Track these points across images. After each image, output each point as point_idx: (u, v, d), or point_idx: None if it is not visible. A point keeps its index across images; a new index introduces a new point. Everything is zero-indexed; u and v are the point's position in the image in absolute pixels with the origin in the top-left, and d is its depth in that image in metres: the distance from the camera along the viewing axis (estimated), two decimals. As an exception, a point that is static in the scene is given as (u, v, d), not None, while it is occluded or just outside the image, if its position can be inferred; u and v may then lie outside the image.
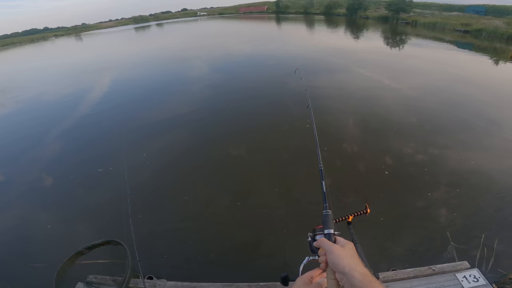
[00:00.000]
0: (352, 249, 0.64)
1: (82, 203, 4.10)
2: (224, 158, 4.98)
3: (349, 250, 0.63)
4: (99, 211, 3.86)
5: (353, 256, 0.61)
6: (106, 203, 3.93)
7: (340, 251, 0.62)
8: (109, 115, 7.65)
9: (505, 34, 20.72)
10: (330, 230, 0.73)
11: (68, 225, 3.66)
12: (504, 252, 2.78)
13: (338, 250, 0.62)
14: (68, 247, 2.43)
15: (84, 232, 3.48)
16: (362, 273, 0.56)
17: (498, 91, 7.95)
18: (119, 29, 66.09)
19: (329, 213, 0.80)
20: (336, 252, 0.62)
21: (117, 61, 17.54)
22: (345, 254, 0.61)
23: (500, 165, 4.33)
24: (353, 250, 0.64)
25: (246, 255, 3.10)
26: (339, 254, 0.61)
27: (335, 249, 0.63)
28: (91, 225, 3.62)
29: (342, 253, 0.61)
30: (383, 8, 40.86)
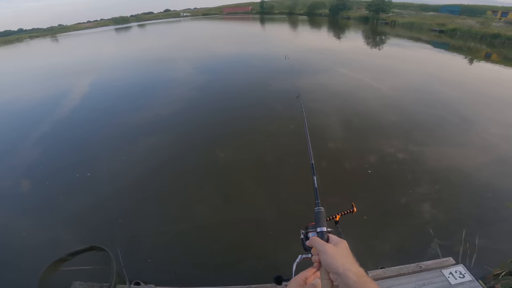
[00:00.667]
0: (345, 248, 0.62)
1: (62, 210, 3.95)
2: (207, 160, 4.89)
3: (343, 249, 0.61)
4: (80, 217, 3.73)
5: (347, 256, 0.59)
6: (87, 210, 3.81)
7: (334, 250, 0.60)
8: (88, 119, 7.36)
9: (478, 34, 21.80)
10: (323, 228, 0.71)
11: (49, 232, 3.53)
12: (486, 247, 2.87)
13: (331, 249, 0.60)
14: (49, 254, 2.34)
15: (66, 238, 3.36)
16: (356, 273, 0.54)
17: (472, 90, 8.32)
18: (98, 30, 63.84)
19: (321, 210, 0.78)
20: (329, 252, 0.59)
21: (96, 63, 16.88)
22: (338, 254, 0.59)
23: (476, 161, 4.52)
24: (347, 249, 0.62)
25: (233, 257, 3.06)
26: (332, 254, 0.58)
27: (328, 249, 0.60)
28: (73, 232, 3.50)
29: (336, 253, 0.59)
30: (364, 9, 41.88)
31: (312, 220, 0.76)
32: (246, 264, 2.95)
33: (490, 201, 3.60)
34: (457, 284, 2.08)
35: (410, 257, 2.75)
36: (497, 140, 5.17)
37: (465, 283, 2.07)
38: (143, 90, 9.62)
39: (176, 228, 3.48)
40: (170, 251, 3.16)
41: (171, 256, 3.09)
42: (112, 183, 4.20)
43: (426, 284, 2.12)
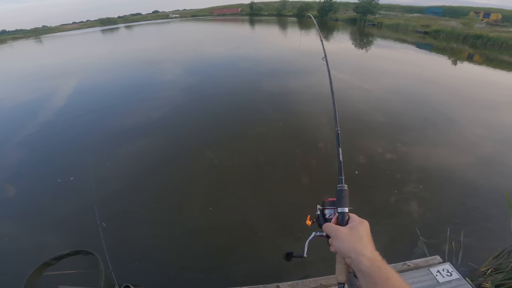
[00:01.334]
0: (363, 230, 0.58)
1: (48, 214, 3.85)
2: (196, 163, 4.84)
3: (358, 231, 0.58)
4: (66, 221, 3.66)
5: (361, 239, 0.56)
6: (72, 214, 3.73)
7: (345, 234, 0.58)
8: (74, 122, 7.14)
9: (461, 35, 22.59)
10: (344, 209, 0.66)
11: (33, 237, 3.43)
12: (471, 245, 2.93)
13: (343, 234, 0.58)
14: (34, 259, 2.28)
15: (50, 243, 3.28)
16: (370, 258, 0.52)
17: (455, 91, 8.58)
18: (84, 32, 62.42)
19: (344, 188, 0.71)
20: (340, 236, 0.58)
21: (82, 65, 16.45)
22: (351, 238, 0.56)
23: (459, 161, 4.63)
24: (364, 231, 0.58)
25: (222, 260, 3.04)
26: (343, 238, 0.57)
27: (340, 233, 0.58)
28: (58, 236, 3.42)
29: (348, 237, 0.57)
30: (351, 10, 42.64)
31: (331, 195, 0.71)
32: (235, 267, 2.93)
33: (472, 200, 3.70)
34: (445, 282, 2.09)
35: (398, 256, 2.77)
36: (479, 140, 5.33)
37: (453, 281, 2.09)
38: (131, 93, 9.42)
39: (164, 231, 3.43)
40: (159, 254, 3.12)
41: (160, 260, 3.05)
42: (99, 187, 4.11)
43: (415, 282, 2.14)
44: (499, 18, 29.13)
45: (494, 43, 19.47)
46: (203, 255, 3.10)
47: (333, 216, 0.70)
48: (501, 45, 18.89)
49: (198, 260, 3.03)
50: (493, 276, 2.24)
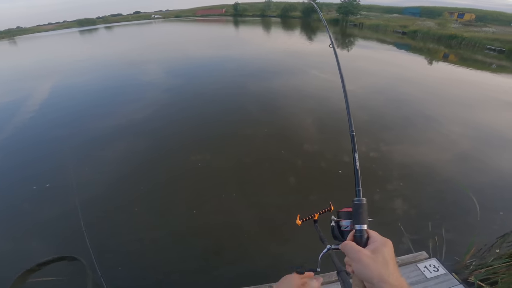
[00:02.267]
0: (387, 252, 0.53)
1: (29, 220, 3.69)
2: (180, 166, 4.74)
3: (382, 255, 0.52)
4: (48, 228, 3.53)
5: (387, 264, 0.51)
6: (55, 220, 3.61)
7: (370, 259, 0.51)
8: (51, 125, 6.82)
9: (436, 35, 23.54)
10: (362, 226, 0.59)
11: (16, 243, 3.29)
12: (453, 240, 3.02)
13: (366, 258, 0.52)
14: (18, 265, 2.18)
15: (35, 249, 3.16)
16: (396, 286, 0.48)
17: (433, 90, 8.89)
18: (61, 32, 59.88)
19: (362, 201, 0.64)
20: (364, 261, 0.52)
21: (59, 66, 15.71)
22: (375, 263, 0.51)
23: (438, 158, 4.78)
24: (389, 255, 0.53)
25: (208, 263, 2.99)
26: (367, 264, 0.51)
27: (363, 257, 0.52)
28: (42, 242, 3.29)
29: (372, 262, 0.51)
30: (334, 11, 43.49)
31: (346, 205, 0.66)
32: (222, 270, 2.88)
33: (450, 195, 3.82)
34: (433, 277, 2.16)
35: None
36: (456, 137, 5.54)
37: (440, 276, 2.15)
38: (111, 95, 9.09)
39: (148, 235, 3.34)
40: (143, 258, 3.05)
41: (146, 264, 2.98)
42: (80, 192, 3.93)
43: None
44: (472, 18, 30.70)
45: (468, 43, 20.44)
46: (189, 258, 3.04)
47: (349, 228, 0.65)
48: (475, 45, 19.86)
49: (184, 263, 2.98)
50: (477, 270, 2.29)
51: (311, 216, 0.89)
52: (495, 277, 2.13)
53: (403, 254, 2.55)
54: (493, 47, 18.33)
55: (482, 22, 28.68)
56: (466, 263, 2.47)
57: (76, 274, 2.13)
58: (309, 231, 3.28)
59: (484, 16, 31.12)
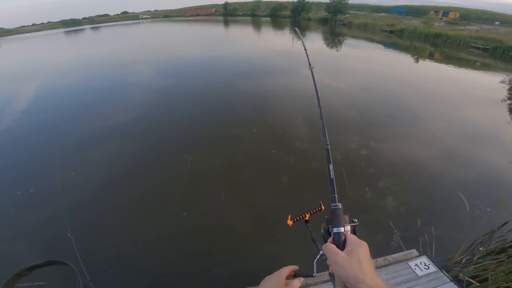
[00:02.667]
0: (362, 253, 0.56)
1: (15, 225, 3.60)
2: (169, 168, 4.66)
3: (357, 256, 0.55)
4: (35, 232, 3.43)
5: (361, 264, 0.53)
6: (42, 224, 3.51)
7: (344, 260, 0.54)
8: (36, 128, 6.61)
9: (423, 33, 24.04)
10: (339, 229, 0.63)
11: (2, 248, 3.19)
12: (442, 237, 3.06)
13: (342, 260, 0.55)
14: (5, 270, 2.09)
15: (21, 254, 3.07)
16: (371, 285, 0.50)
17: (419, 87, 9.07)
18: (46, 33, 58.15)
19: (338, 206, 0.69)
20: (339, 262, 0.55)
21: (44, 67, 15.21)
22: (350, 264, 0.53)
23: (425, 154, 4.86)
24: (364, 255, 0.56)
25: (200, 266, 2.94)
26: (343, 265, 0.54)
27: (338, 259, 0.55)
28: (28, 247, 3.18)
29: (347, 263, 0.54)
30: (323, 10, 43.84)
31: None
32: (213, 272, 2.85)
33: (438, 192, 3.87)
34: (424, 275, 2.18)
35: (377, 250, 2.85)
36: (443, 134, 5.64)
37: (431, 274, 2.18)
38: (100, 96, 8.85)
39: (138, 238, 3.28)
40: (133, 261, 2.99)
41: (136, 267, 2.93)
42: (67, 195, 3.84)
43: (395, 277, 2.19)
44: (457, 17, 31.52)
45: (453, 41, 20.96)
46: (181, 260, 3.00)
47: None
48: (459, 43, 20.39)
49: (175, 266, 2.93)
50: (467, 267, 2.32)
51: (302, 216, 0.89)
52: (485, 274, 2.16)
53: (394, 252, 2.57)
54: (477, 45, 18.86)
55: (466, 20, 29.51)
56: (456, 260, 2.50)
57: (65, 279, 2.10)
58: (300, 231, 3.25)
59: (468, 14, 32.04)
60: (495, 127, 6.03)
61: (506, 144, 5.28)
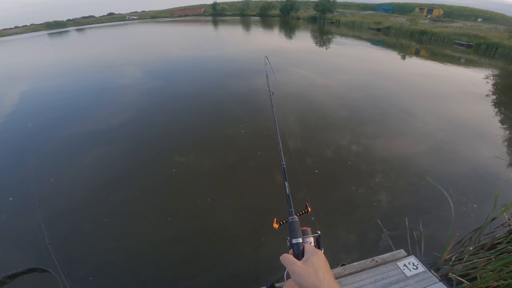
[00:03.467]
0: (317, 263, 0.58)
1: None
2: (153, 173, 4.55)
3: (313, 265, 0.58)
4: (12, 241, 3.31)
5: (317, 272, 0.56)
6: (18, 233, 3.40)
7: (301, 269, 0.58)
8: (20, 133, 6.39)
9: (408, 31, 24.50)
10: (297, 240, 0.67)
11: None
12: (430, 235, 3.06)
13: (298, 269, 0.58)
14: None
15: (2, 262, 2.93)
16: None
17: (406, 84, 9.22)
18: (29, 35, 56.34)
19: (295, 219, 0.73)
20: (296, 271, 0.58)
21: (27, 70, 14.64)
22: (306, 272, 0.56)
23: (413, 151, 4.90)
24: (319, 263, 0.58)
25: (185, 271, 2.86)
26: (300, 274, 0.57)
27: (295, 268, 0.58)
28: (6, 256, 3.08)
29: (304, 272, 0.57)
30: (311, 9, 44.14)
31: None
32: (199, 277, 2.78)
33: (424, 189, 3.88)
34: (413, 275, 2.15)
35: (366, 251, 2.85)
36: (431, 130, 5.72)
37: (420, 274, 2.15)
38: (87, 100, 8.56)
39: (119, 244, 3.19)
40: (118, 268, 2.89)
41: (121, 273, 2.84)
42: (45, 204, 3.69)
43: (384, 278, 2.17)
44: (440, 14, 32.27)
45: (438, 38, 21.44)
46: (166, 266, 2.92)
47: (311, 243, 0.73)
48: (444, 40, 20.86)
49: (159, 272, 2.85)
50: (456, 266, 2.31)
51: (288, 219, 0.86)
52: (475, 273, 2.15)
53: (383, 251, 2.54)
54: (461, 42, 19.33)
55: (450, 17, 30.24)
56: (445, 259, 2.50)
57: (47, 286, 2.08)
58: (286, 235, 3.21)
59: (451, 11, 32.83)
60: (481, 122, 6.16)
61: (492, 139, 5.38)
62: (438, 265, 2.48)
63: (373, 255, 2.45)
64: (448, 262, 2.45)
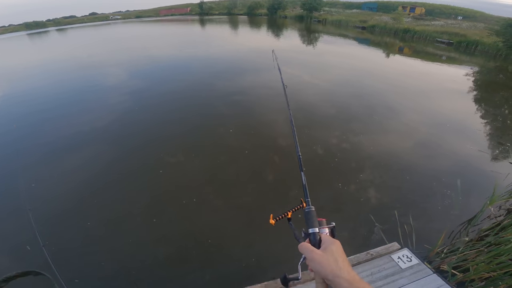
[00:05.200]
0: (336, 251, 0.59)
1: None
2: (140, 172, 4.51)
3: (332, 253, 0.59)
4: (5, 244, 3.26)
5: (336, 260, 0.57)
6: (11, 236, 3.34)
7: (321, 257, 0.58)
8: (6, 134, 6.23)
9: (392, 29, 25.07)
10: (314, 229, 0.68)
11: None
12: (421, 228, 3.14)
13: (319, 257, 0.59)
14: None
15: None
16: (348, 279, 0.53)
17: (392, 81, 9.44)
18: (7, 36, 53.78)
19: (311, 209, 0.74)
20: (316, 259, 0.58)
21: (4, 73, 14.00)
22: (326, 261, 0.57)
23: (400, 146, 5.04)
24: (338, 252, 0.59)
25: (175, 271, 2.86)
26: (320, 262, 0.58)
27: (315, 256, 0.59)
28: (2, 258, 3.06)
29: (324, 260, 0.57)
30: (299, 8, 44.37)
31: None
32: (190, 276, 2.78)
33: (410, 183, 4.01)
34: (407, 268, 2.21)
35: (360, 244, 2.91)
36: (415, 125, 5.89)
37: (414, 266, 2.21)
38: (71, 102, 8.27)
39: (110, 246, 3.18)
40: (101, 270, 2.87)
41: (112, 274, 2.84)
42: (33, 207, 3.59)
43: (380, 270, 2.21)
44: (422, 12, 33.17)
45: (420, 36, 22.05)
46: (156, 266, 2.90)
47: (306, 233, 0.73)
48: (426, 38, 21.48)
49: (152, 271, 2.83)
50: (449, 258, 2.37)
51: (285, 214, 0.91)
52: (466, 264, 2.22)
53: (377, 245, 2.60)
54: (442, 39, 19.97)
55: (431, 15, 31.15)
56: (437, 251, 2.57)
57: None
58: (275, 235, 3.13)
59: (432, 9, 33.80)
60: (463, 118, 6.39)
61: (474, 134, 5.59)
62: (430, 258, 2.55)
63: (365, 249, 2.50)
64: (440, 255, 2.52)
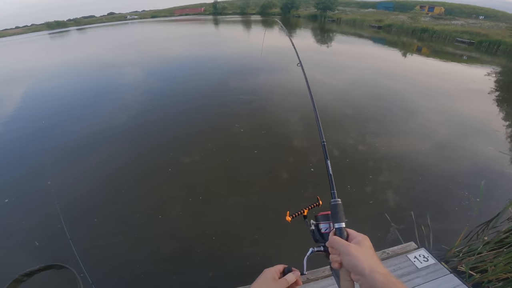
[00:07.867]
0: (370, 247, 0.59)
1: (9, 231, 3.56)
2: (151, 169, 4.65)
3: (367, 248, 0.58)
4: (31, 237, 3.39)
5: (372, 256, 0.56)
6: (37, 229, 3.50)
7: (358, 252, 0.56)
8: (27, 131, 6.50)
9: (410, 29, 24.41)
10: (341, 224, 0.64)
11: None
12: (438, 228, 3.10)
13: (356, 251, 0.56)
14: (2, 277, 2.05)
15: (20, 260, 3.06)
16: (383, 274, 0.52)
17: (409, 81, 9.22)
18: (30, 36, 56.38)
19: (338, 202, 0.69)
20: (353, 253, 0.56)
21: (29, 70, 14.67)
22: (364, 255, 0.55)
23: (417, 147, 4.93)
24: (370, 247, 0.59)
25: (177, 265, 2.94)
26: (357, 256, 0.55)
27: (352, 250, 0.56)
28: (26, 253, 3.19)
29: (361, 254, 0.56)
30: (312, 7, 44.00)
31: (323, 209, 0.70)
32: (196, 271, 2.84)
33: (424, 184, 3.94)
34: (424, 267, 2.19)
35: (375, 244, 2.88)
36: (434, 126, 5.74)
37: (430, 266, 2.19)
38: (89, 98, 8.67)
39: (118, 239, 3.30)
40: (125, 263, 2.99)
41: (137, 269, 2.91)
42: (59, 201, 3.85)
43: (396, 270, 2.21)
44: (442, 11, 32.12)
45: (439, 36, 21.36)
46: (159, 261, 2.99)
47: (329, 230, 0.70)
48: (445, 38, 20.79)
49: (154, 264, 2.93)
50: (466, 258, 2.35)
51: (301, 212, 0.89)
52: (483, 266, 2.19)
53: (392, 244, 2.58)
54: (462, 39, 19.26)
55: (451, 15, 30.11)
56: (455, 252, 2.53)
57: (66, 283, 1.99)
58: (278, 232, 3.17)
59: (452, 9, 32.67)
60: (484, 119, 6.17)
61: (495, 135, 5.41)
62: (447, 258, 2.52)
63: (381, 248, 2.50)
64: (457, 255, 2.49)
